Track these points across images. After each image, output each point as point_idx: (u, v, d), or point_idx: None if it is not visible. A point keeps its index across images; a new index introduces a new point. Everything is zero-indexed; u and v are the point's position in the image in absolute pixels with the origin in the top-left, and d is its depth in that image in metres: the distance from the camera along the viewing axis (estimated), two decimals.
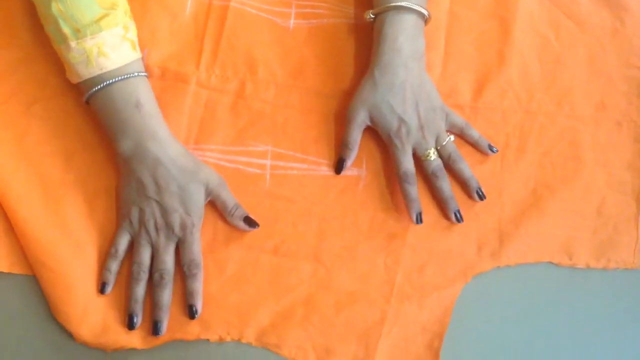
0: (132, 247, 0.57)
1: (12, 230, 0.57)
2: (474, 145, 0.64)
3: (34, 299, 0.57)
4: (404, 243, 0.60)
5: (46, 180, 0.58)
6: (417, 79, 0.60)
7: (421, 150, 0.60)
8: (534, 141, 0.65)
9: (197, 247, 0.57)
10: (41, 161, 0.58)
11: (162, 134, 0.56)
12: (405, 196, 0.60)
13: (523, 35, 0.67)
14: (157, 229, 0.56)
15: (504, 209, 0.63)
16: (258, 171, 0.61)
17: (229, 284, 0.58)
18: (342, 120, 0.62)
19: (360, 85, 0.61)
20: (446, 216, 0.61)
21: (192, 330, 0.57)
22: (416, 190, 0.60)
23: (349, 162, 0.61)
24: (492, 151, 0.63)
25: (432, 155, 0.60)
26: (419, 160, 0.61)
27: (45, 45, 0.59)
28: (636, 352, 0.61)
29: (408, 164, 0.60)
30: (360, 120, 0.60)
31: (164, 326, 0.56)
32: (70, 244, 0.57)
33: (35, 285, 0.57)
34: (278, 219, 0.60)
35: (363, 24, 0.65)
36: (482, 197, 0.61)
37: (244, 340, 0.57)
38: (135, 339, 0.56)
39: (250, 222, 0.58)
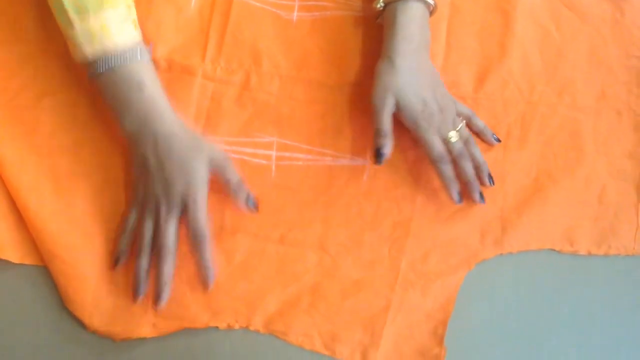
0: None
1: (23, 223, 0.57)
2: (479, 134, 0.64)
3: (45, 290, 0.58)
4: (408, 232, 0.61)
5: (56, 172, 0.58)
6: (429, 66, 0.61)
7: (444, 132, 0.60)
8: (535, 131, 0.65)
9: (202, 216, 0.55)
10: (51, 154, 0.59)
11: (164, 112, 0.56)
12: (444, 177, 0.60)
13: (524, 26, 0.68)
14: (158, 202, 0.56)
15: (506, 198, 0.63)
16: (264, 162, 0.62)
17: (237, 273, 0.59)
18: (345, 111, 0.63)
19: (377, 73, 0.60)
20: (471, 198, 0.62)
21: (201, 318, 0.58)
22: (451, 169, 0.60)
23: (387, 151, 0.59)
24: (496, 141, 0.64)
25: (454, 137, 0.61)
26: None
27: (53, 40, 0.60)
28: (637, 337, 0.62)
29: (439, 145, 0.60)
30: (390, 106, 0.59)
31: (165, 297, 0.56)
32: (80, 235, 0.57)
33: (46, 276, 0.58)
34: (284, 209, 0.61)
35: (366, 16, 0.66)
36: (492, 182, 0.62)
37: (252, 328, 0.58)
38: (144, 328, 0.57)
39: (250, 200, 0.58)
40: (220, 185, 0.58)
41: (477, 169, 0.62)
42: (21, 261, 0.58)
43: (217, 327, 0.58)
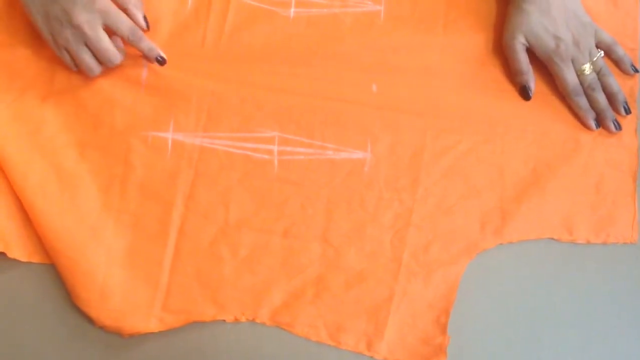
0: None
1: (30, 221, 0.58)
2: (618, 63, 0.67)
3: (53, 287, 0.59)
4: (409, 223, 0.62)
5: (61, 171, 0.59)
6: (560, 1, 0.64)
7: (577, 65, 0.64)
8: (533, 122, 0.66)
9: (106, 39, 0.58)
10: (56, 153, 0.59)
11: None
12: (579, 108, 0.65)
13: None
14: (70, 37, 0.57)
15: (505, 188, 0.64)
16: (266, 157, 0.63)
17: (242, 267, 0.60)
18: (345, 104, 0.64)
19: (507, 16, 0.65)
20: (605, 127, 0.65)
21: (208, 312, 0.58)
22: (586, 99, 0.64)
23: (532, 85, 0.65)
24: (633, 71, 0.67)
25: (588, 69, 0.64)
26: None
27: None
28: (636, 324, 0.63)
29: (574, 78, 0.64)
30: (522, 44, 0.64)
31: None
32: (85, 232, 0.58)
33: (54, 274, 0.59)
34: (287, 203, 0.62)
35: (362, 12, 0.67)
36: (627, 110, 0.65)
37: (258, 320, 0.59)
38: (151, 323, 0.58)
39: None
40: None
41: (612, 97, 0.65)
42: (29, 259, 0.59)
43: (223, 320, 0.59)
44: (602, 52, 0.66)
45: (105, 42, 0.57)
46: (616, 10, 0.70)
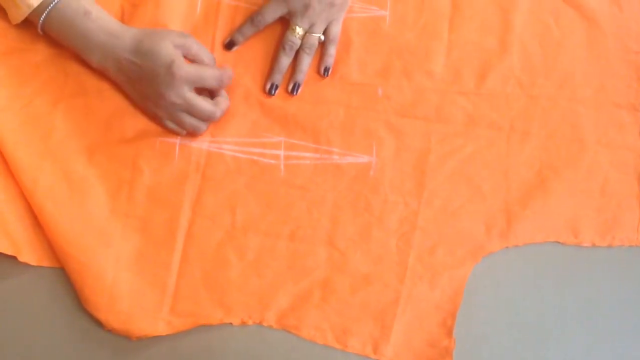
0: None
1: (40, 226, 0.59)
2: (321, 56, 0.66)
3: (62, 291, 0.59)
4: (415, 226, 0.62)
5: (70, 176, 0.60)
6: None
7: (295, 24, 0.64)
8: (537, 125, 0.66)
9: (210, 73, 0.59)
10: (65, 158, 0.60)
11: (114, 29, 0.58)
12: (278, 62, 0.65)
13: (524, 22, 0.69)
14: (169, 110, 0.59)
15: (510, 191, 0.64)
16: (272, 162, 0.63)
17: (249, 270, 0.60)
18: (350, 109, 0.65)
19: None
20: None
21: (215, 315, 0.59)
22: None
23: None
24: (324, 73, 0.65)
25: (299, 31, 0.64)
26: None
27: (66, 47, 0.61)
28: None
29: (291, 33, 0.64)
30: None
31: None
32: (95, 236, 0.59)
33: (63, 278, 0.59)
34: (293, 207, 0.62)
35: (368, 17, 0.67)
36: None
37: (265, 324, 0.59)
38: (159, 326, 0.58)
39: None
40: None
41: (296, 70, 0.65)
42: (39, 263, 0.59)
43: (230, 323, 0.59)
44: (322, 37, 0.65)
45: (198, 105, 0.59)
46: (621, 13, 0.71)
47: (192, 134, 0.62)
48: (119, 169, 0.61)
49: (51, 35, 0.59)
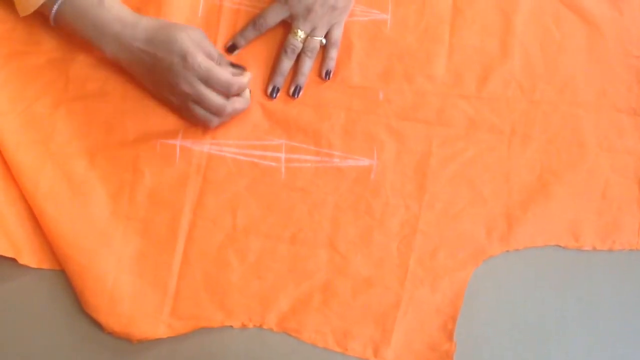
0: None
1: (40, 228, 0.59)
2: (323, 60, 0.66)
3: (63, 293, 0.59)
4: (416, 229, 0.62)
5: (71, 178, 0.60)
6: None
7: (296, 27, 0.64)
8: (538, 129, 0.67)
9: (222, 73, 0.58)
10: (66, 160, 0.60)
11: (128, 18, 0.58)
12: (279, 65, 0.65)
13: (525, 26, 0.69)
14: (182, 99, 0.59)
15: (511, 195, 0.65)
16: (273, 164, 0.63)
17: (250, 273, 0.60)
18: (351, 112, 0.65)
19: None
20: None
21: (216, 317, 0.59)
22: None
23: None
24: (326, 77, 0.66)
25: (301, 35, 0.64)
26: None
27: (67, 50, 0.61)
28: None
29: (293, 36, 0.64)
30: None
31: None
32: (95, 238, 0.59)
33: (64, 280, 0.59)
34: (294, 209, 0.62)
35: (369, 20, 0.67)
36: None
37: (265, 326, 0.59)
38: (160, 329, 0.58)
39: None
40: None
41: (298, 73, 0.65)
42: (39, 266, 0.59)
43: (231, 326, 0.59)
44: (324, 40, 0.65)
45: (207, 97, 0.58)
46: (621, 17, 0.71)
47: (204, 126, 0.62)
48: (120, 171, 0.61)
49: (63, 26, 0.59)
